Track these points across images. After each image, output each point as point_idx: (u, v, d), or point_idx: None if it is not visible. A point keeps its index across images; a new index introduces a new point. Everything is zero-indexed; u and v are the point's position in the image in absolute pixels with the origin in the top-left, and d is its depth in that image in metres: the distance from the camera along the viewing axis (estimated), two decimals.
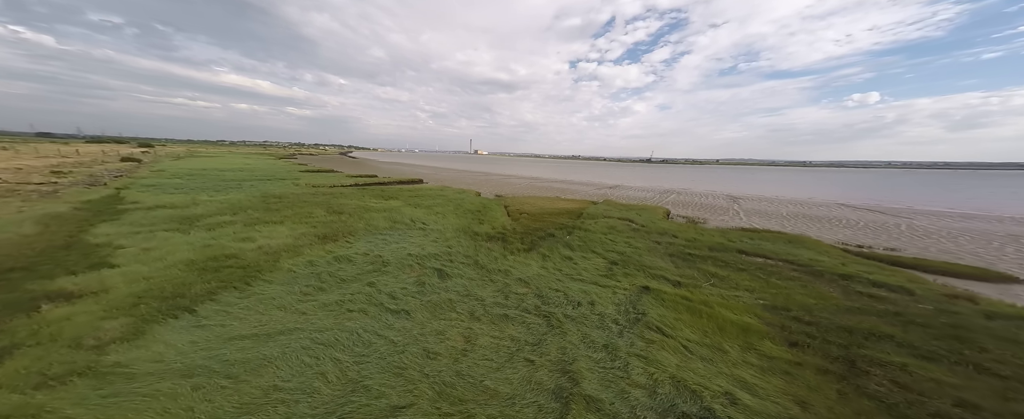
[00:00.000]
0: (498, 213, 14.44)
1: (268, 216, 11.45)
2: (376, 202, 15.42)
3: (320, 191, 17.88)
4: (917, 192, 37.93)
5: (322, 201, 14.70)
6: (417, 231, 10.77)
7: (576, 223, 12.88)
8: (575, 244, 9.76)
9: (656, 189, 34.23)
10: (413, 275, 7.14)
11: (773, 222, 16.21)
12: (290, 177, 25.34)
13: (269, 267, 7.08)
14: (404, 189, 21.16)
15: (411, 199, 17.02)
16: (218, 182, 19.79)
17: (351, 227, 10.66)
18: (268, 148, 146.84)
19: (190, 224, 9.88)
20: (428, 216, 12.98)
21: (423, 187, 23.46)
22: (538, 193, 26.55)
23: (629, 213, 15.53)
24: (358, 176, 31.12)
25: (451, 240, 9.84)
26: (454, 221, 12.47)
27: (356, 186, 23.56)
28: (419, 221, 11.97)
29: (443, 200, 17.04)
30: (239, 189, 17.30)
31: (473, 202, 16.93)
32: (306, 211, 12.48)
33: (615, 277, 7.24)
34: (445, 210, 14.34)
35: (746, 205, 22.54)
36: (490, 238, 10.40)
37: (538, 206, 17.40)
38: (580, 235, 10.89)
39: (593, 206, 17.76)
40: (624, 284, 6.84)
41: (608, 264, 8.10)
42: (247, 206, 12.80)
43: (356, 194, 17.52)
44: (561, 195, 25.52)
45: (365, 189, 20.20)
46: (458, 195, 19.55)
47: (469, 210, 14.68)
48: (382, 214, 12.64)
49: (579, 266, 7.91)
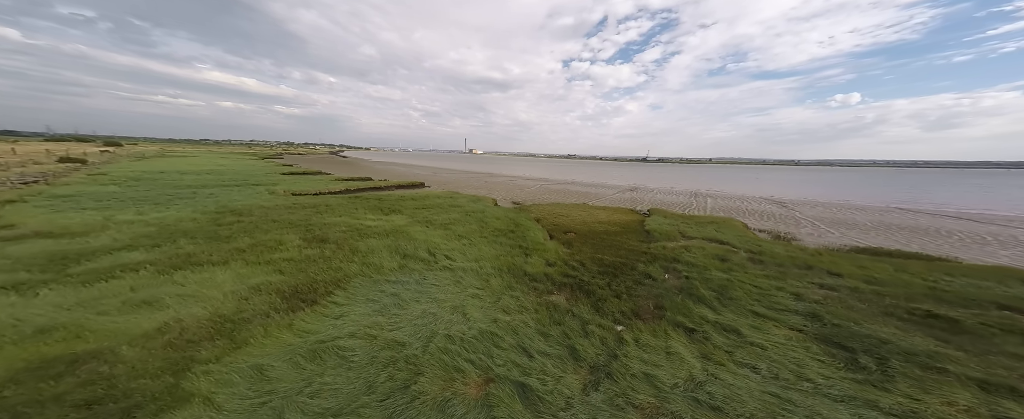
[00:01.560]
0: (537, 233, 10.76)
1: (209, 250, 7.53)
2: (374, 219, 11.57)
3: (300, 202, 13.88)
4: (950, 191, 35.38)
5: (300, 219, 10.76)
6: (442, 273, 7.02)
7: (653, 248, 9.28)
8: (705, 295, 6.11)
9: (682, 191, 30.91)
10: (470, 393, 3.43)
11: (875, 236, 12.87)
12: (266, 181, 21.16)
13: (156, 397, 3.29)
14: (406, 197, 17.29)
15: (418, 212, 13.20)
16: (167, 190, 15.60)
17: (339, 270, 6.85)
18: (253, 147, 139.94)
19: (60, 270, 5.96)
20: (449, 242, 9.22)
21: (428, 193, 19.59)
22: (558, 198, 22.93)
23: (703, 228, 11.99)
24: (350, 179, 27.03)
25: (501, 293, 6.13)
26: (488, 250, 8.73)
27: (347, 193, 19.55)
28: (441, 253, 8.20)
29: (460, 213, 13.26)
30: (190, 201, 13.20)
31: (496, 215, 13.18)
32: (273, 238, 8.58)
33: (894, 394, 3.62)
34: (468, 230, 10.59)
35: (808, 212, 19.24)
36: (558, 284, 6.71)
37: (577, 219, 13.77)
38: (685, 273, 7.27)
39: (647, 218, 14.17)
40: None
41: (824, 350, 4.47)
42: (185, 231, 8.83)
43: (346, 206, 13.60)
44: (587, 201, 21.95)
45: (358, 197, 16.26)
46: (474, 204, 15.78)
47: (499, 230, 10.95)
48: (385, 241, 8.83)
49: (774, 359, 4.26)
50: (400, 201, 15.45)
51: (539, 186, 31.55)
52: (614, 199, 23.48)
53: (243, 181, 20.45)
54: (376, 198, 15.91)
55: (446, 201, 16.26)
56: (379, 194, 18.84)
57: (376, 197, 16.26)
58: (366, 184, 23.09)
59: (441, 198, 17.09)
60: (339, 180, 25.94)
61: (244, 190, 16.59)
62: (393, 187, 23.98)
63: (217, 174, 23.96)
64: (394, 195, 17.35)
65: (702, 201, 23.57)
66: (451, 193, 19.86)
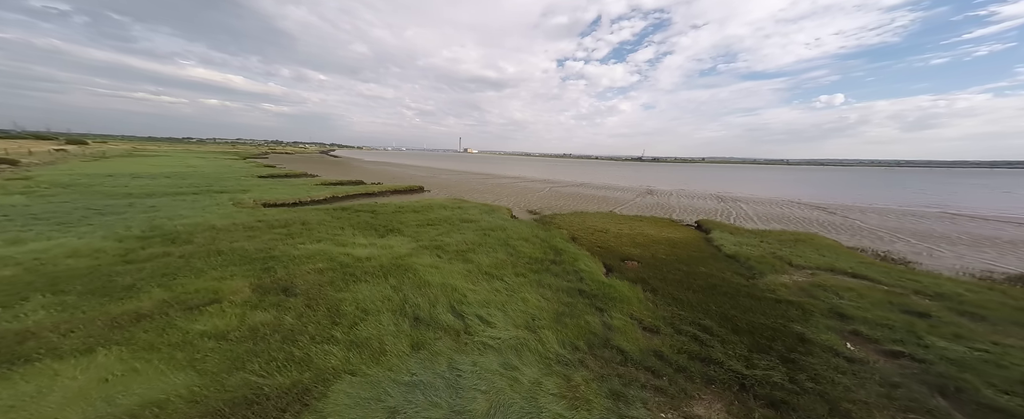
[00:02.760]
0: (588, 263, 7.88)
1: (77, 319, 4.42)
2: (366, 244, 8.50)
3: (268, 218, 10.66)
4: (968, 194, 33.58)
5: (259, 249, 7.61)
6: (483, 357, 4.08)
7: (771, 288, 6.47)
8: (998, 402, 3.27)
9: (701, 194, 28.34)
10: None
11: (1011, 258, 10.27)
12: (235, 187, 17.75)
13: None
14: (404, 206, 14.20)
15: (423, 230, 10.18)
16: (95, 201, 12.20)
17: (307, 361, 3.86)
18: (237, 146, 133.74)
19: None
20: (476, 285, 6.26)
21: (430, 201, 16.50)
22: (576, 204, 20.09)
23: (798, 250, 9.23)
24: (338, 182, 23.73)
25: (607, 411, 3.18)
26: (538, 299, 5.80)
27: (333, 202, 16.33)
28: (470, 310, 5.23)
29: (476, 231, 10.27)
30: (116, 217, 9.89)
31: (522, 234, 10.24)
32: (205, 288, 5.46)
33: None
34: (496, 261, 7.62)
35: (872, 221, 16.75)
36: (689, 376, 3.83)
37: (622, 236, 10.94)
38: (892, 344, 4.45)
39: (710, 235, 11.38)
40: None
41: None
42: (62, 276, 5.63)
43: (330, 223, 10.47)
44: (609, 207, 19.15)
45: (345, 209, 13.11)
46: (488, 217, 12.80)
47: (536, 259, 8.03)
48: (383, 289, 5.82)
49: None
50: (399, 214, 12.36)
51: (548, 189, 28.69)
52: (638, 205, 20.74)
53: (206, 187, 17.03)
54: (369, 210, 12.78)
55: (454, 212, 13.23)
56: (372, 203, 15.69)
57: (369, 208, 13.13)
58: (356, 189, 19.85)
59: (447, 209, 14.05)
60: (325, 184, 22.62)
61: (201, 200, 13.27)
62: (388, 192, 20.81)
63: (178, 178, 20.42)
64: (390, 205, 14.25)
65: (737, 207, 20.99)
66: (457, 201, 16.81)
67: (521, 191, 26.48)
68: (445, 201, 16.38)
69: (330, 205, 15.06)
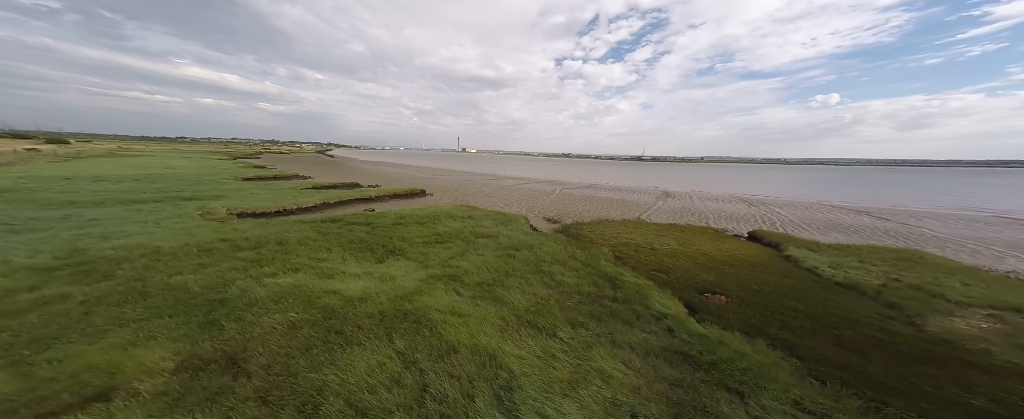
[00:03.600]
0: (660, 298, 5.83)
1: None
2: (359, 272, 6.36)
3: (235, 236, 8.45)
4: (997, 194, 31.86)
5: (207, 285, 5.42)
6: None
7: (966, 347, 4.42)
8: None
9: (727, 197, 26.29)
10: None
11: None
12: (211, 192, 15.48)
13: None
14: (406, 215, 12.05)
15: (431, 250, 8.05)
16: (24, 211, 9.96)
17: None
18: (230, 146, 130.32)
19: None
20: (521, 349, 4.19)
21: (435, 208, 14.35)
22: (594, 209, 17.91)
23: (914, 274, 7.21)
24: (330, 186, 21.50)
25: None
26: (625, 379, 3.75)
27: (323, 209, 14.12)
28: (526, 405, 3.14)
29: (496, 251, 8.15)
30: (34, 236, 7.63)
31: (554, 254, 8.15)
32: (98, 366, 3.36)
33: None
34: (535, 300, 5.54)
35: (938, 229, 14.82)
36: None
37: (682, 255, 8.89)
38: None
39: (784, 251, 9.33)
40: None
41: None
42: None
43: (314, 241, 8.29)
44: (638, 215, 17.09)
45: (337, 221, 10.93)
46: (505, 229, 10.70)
47: (584, 291, 5.97)
48: (384, 358, 3.75)
49: None
50: (400, 226, 10.20)
51: (559, 192, 26.58)
52: (663, 211, 18.68)
53: (176, 192, 14.76)
54: (364, 222, 10.60)
55: (465, 224, 11.10)
56: (369, 212, 13.51)
57: (364, 219, 10.95)
58: (351, 194, 17.65)
59: (456, 219, 11.91)
60: (316, 188, 20.37)
61: (161, 210, 11.02)
62: (387, 197, 18.63)
63: (148, 181, 18.10)
64: (389, 215, 12.08)
65: (773, 213, 19.00)
66: (465, 208, 14.68)
67: (530, 194, 24.37)
68: (452, 208, 14.24)
69: (319, 214, 12.88)
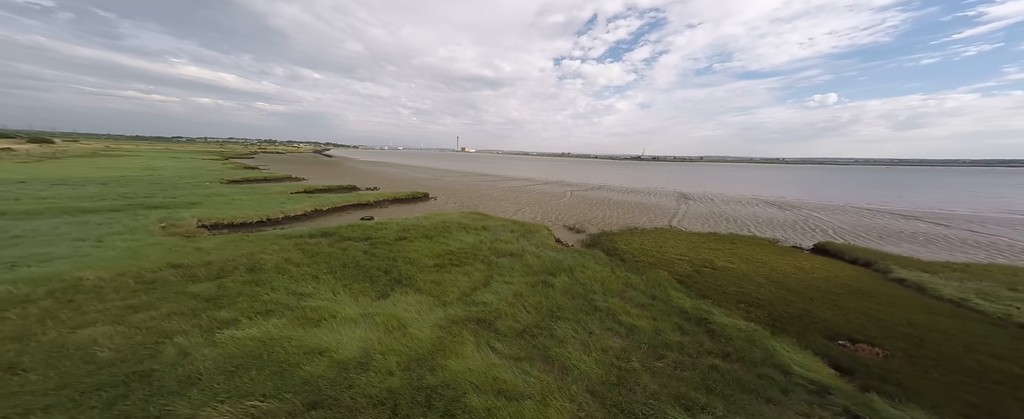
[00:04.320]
0: (795, 354, 4.04)
1: None
2: (354, 316, 4.59)
3: (194, 261, 6.60)
4: None
5: (120, 355, 3.62)
6: None
7: None
8: None
9: (754, 199, 24.44)
10: None
11: None
12: (182, 200, 13.57)
13: None
14: (409, 227, 10.25)
15: (446, 276, 6.26)
16: None
17: None
18: (225, 146, 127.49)
19: None
20: None
21: (443, 216, 12.54)
22: (614, 214, 15.93)
23: None
24: (324, 189, 19.62)
25: None
26: None
27: (314, 219, 12.25)
28: None
29: (526, 274, 6.35)
30: None
31: (601, 278, 6.41)
32: None
33: None
34: (607, 353, 3.84)
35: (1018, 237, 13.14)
36: None
37: (759, 278, 7.16)
38: None
39: (904, 273, 7.57)
40: None
41: None
42: None
43: (299, 266, 6.51)
44: (668, 221, 15.32)
45: (329, 234, 9.09)
46: (528, 243, 8.92)
47: (671, 342, 4.29)
48: None
49: None
50: (405, 242, 8.37)
51: (570, 194, 24.77)
52: (692, 217, 16.89)
53: (143, 199, 12.87)
54: (361, 236, 8.78)
55: (481, 237, 9.30)
56: (366, 220, 11.68)
57: (361, 232, 9.12)
58: (347, 199, 15.79)
59: (469, 230, 10.11)
60: (308, 191, 18.49)
61: (114, 222, 9.13)
62: (387, 202, 16.78)
63: (117, 185, 16.18)
64: (391, 226, 10.26)
65: (816, 218, 17.26)
66: (476, 217, 12.88)
67: (541, 198, 22.57)
68: (461, 217, 12.42)
69: (308, 225, 11.04)
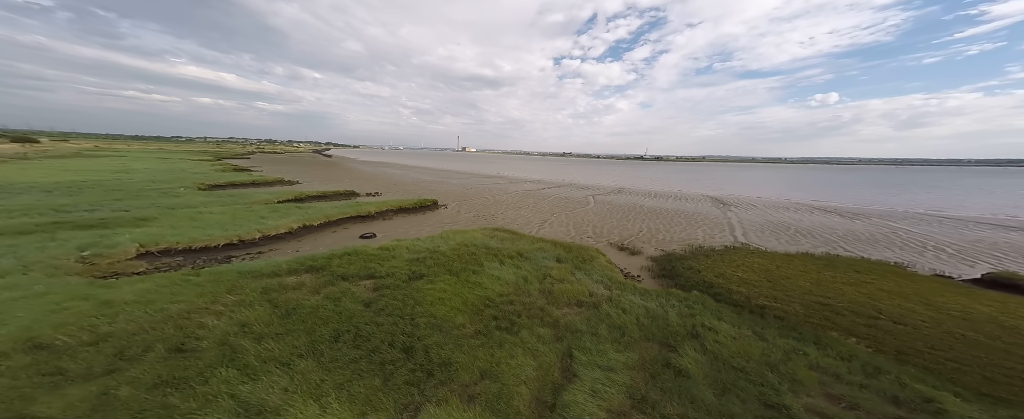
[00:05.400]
0: None
1: None
2: None
3: (63, 346, 4.14)
4: None
5: None
6: None
7: None
8: None
9: (800, 205, 21.69)
10: None
11: None
12: (131, 214, 11.06)
13: None
14: (422, 248, 7.77)
15: (495, 354, 3.84)
16: None
17: None
18: (222, 145, 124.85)
19: None
20: None
21: (462, 235, 10.03)
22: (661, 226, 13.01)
23: None
24: (319, 196, 17.12)
25: None
26: None
27: (301, 238, 9.69)
28: None
29: (619, 344, 3.91)
30: None
31: (756, 357, 3.85)
32: None
33: None
34: None
35: None
36: None
37: (981, 343, 4.58)
38: None
39: None
40: None
41: None
42: None
43: (262, 336, 4.15)
44: (730, 235, 12.76)
45: (316, 267, 6.62)
46: (589, 281, 6.45)
47: None
48: None
49: None
50: (421, 282, 5.88)
51: (593, 201, 22.10)
52: (754, 230, 14.30)
53: (85, 212, 10.38)
54: (362, 268, 6.31)
55: (520, 268, 6.80)
56: (368, 240, 9.15)
57: (362, 265, 6.63)
58: (343, 210, 13.25)
59: (501, 257, 7.60)
60: (298, 199, 15.98)
61: (13, 251, 6.63)
62: (391, 211, 14.26)
63: (66, 192, 13.70)
64: (400, 251, 7.77)
65: (906, 231, 14.73)
66: (503, 234, 10.36)
67: (563, 205, 20.01)
68: (485, 235, 9.89)
69: (293, 247, 8.51)
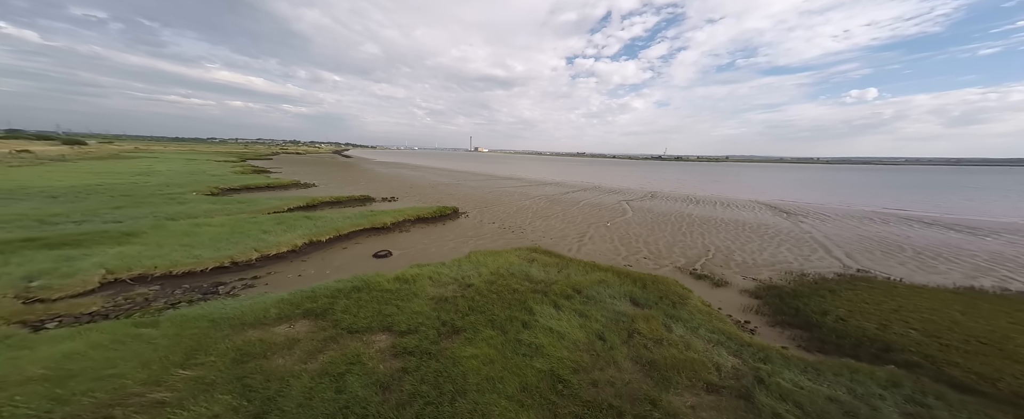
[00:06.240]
0: None
1: None
2: None
3: None
4: None
5: None
6: None
7: None
8: None
9: (888, 214, 18.30)
10: None
11: None
12: (121, 226, 10.00)
13: None
14: (444, 278, 6.12)
15: None
16: None
17: None
18: (249, 147, 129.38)
19: None
20: None
21: (495, 258, 8.33)
22: (732, 243, 10.58)
23: None
24: (333, 201, 15.94)
25: None
26: None
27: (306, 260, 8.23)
28: None
29: None
30: None
31: None
32: None
33: None
34: None
35: None
36: None
37: None
38: None
39: None
40: None
41: None
42: None
43: None
44: (843, 262, 10.40)
45: (315, 311, 5.07)
46: (688, 334, 4.52)
47: None
48: None
49: None
50: (455, 345, 4.19)
51: (631, 209, 19.70)
52: (859, 252, 11.77)
53: (69, 224, 9.42)
54: (374, 316, 4.76)
55: (588, 318, 5.01)
56: (383, 260, 7.62)
57: (375, 305, 5.08)
58: (357, 221, 11.87)
59: (554, 298, 5.81)
60: (309, 206, 14.81)
61: None
62: (410, 221, 12.78)
63: (66, 199, 12.99)
64: (421, 284, 6.18)
65: None
66: (545, 260, 8.58)
67: (596, 213, 17.99)
68: (523, 260, 8.13)
69: (294, 268, 7.05)
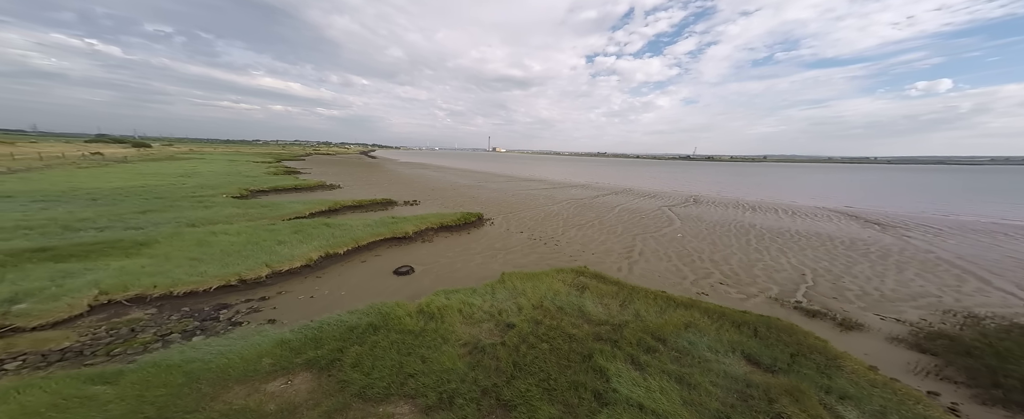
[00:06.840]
0: None
1: None
2: None
3: None
4: None
5: None
6: None
7: None
8: None
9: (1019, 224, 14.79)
10: None
11: None
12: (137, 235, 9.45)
13: None
14: (476, 312, 4.79)
15: None
16: None
17: None
18: (286, 148, 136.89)
19: None
20: None
21: (536, 283, 6.87)
22: (850, 277, 7.88)
23: None
24: (355, 205, 15.19)
25: None
26: None
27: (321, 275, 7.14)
28: None
29: None
30: None
31: None
32: None
33: None
34: None
35: None
36: None
37: None
38: None
39: None
40: None
41: None
42: None
43: None
44: (1002, 292, 8.00)
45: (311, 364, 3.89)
46: None
47: None
48: None
49: None
50: None
51: (677, 218, 17.15)
52: (993, 274, 9.18)
53: (90, 230, 8.96)
54: (392, 370, 3.53)
55: (693, 387, 3.40)
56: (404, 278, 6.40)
57: (395, 354, 3.87)
58: (378, 229, 10.82)
59: (618, 336, 4.27)
60: (331, 211, 14.10)
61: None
62: (432, 230, 11.62)
63: (106, 201, 12.90)
64: (451, 323, 4.88)
65: None
66: (602, 287, 7.00)
67: (638, 222, 15.96)
68: (566, 285, 6.60)
69: (305, 288, 5.94)
